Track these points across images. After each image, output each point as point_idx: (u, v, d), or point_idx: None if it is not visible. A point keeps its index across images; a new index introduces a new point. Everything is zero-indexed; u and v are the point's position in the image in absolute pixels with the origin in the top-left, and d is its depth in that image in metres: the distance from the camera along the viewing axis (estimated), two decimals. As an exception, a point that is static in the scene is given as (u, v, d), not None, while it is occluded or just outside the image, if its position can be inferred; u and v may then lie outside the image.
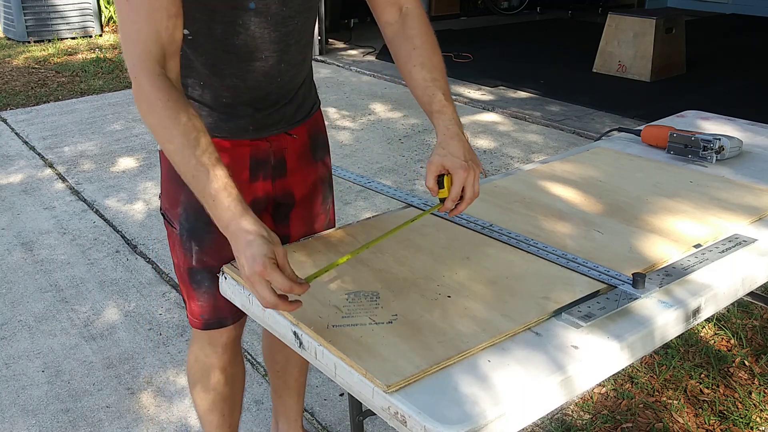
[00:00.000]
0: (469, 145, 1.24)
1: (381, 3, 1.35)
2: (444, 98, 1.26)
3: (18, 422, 2.09)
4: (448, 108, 1.25)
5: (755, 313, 2.51)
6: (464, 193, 1.21)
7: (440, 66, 1.30)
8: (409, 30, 1.32)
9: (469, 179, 1.20)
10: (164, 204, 1.41)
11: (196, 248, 1.36)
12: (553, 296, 1.16)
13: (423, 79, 1.28)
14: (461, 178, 1.19)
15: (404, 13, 1.34)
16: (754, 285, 1.29)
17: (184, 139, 1.06)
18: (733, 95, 5.23)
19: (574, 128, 4.58)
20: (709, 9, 9.03)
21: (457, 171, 1.19)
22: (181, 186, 1.32)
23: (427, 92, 1.27)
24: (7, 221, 3.44)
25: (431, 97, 1.26)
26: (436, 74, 1.28)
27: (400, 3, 1.34)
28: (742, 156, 1.80)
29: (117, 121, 4.93)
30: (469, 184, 1.20)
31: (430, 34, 1.33)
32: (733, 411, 2.04)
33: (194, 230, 1.36)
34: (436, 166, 1.21)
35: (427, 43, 1.31)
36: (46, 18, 7.40)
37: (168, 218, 1.40)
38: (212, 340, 1.49)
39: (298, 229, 1.49)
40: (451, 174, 1.21)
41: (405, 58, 1.31)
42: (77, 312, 2.65)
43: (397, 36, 1.33)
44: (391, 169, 3.99)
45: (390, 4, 1.34)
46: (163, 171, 1.40)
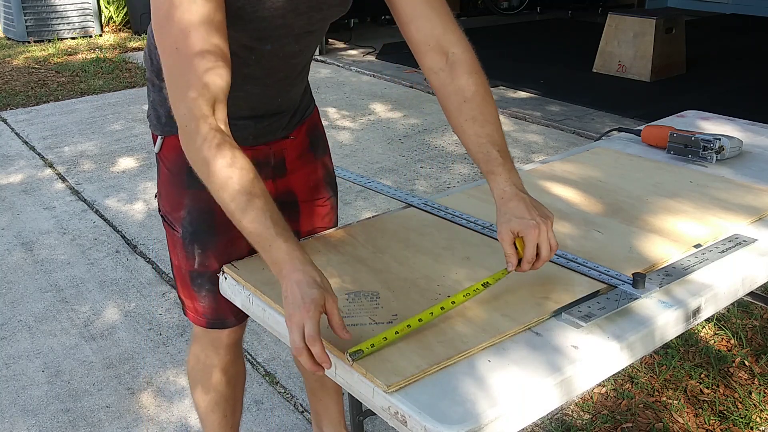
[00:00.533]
0: (531, 198, 1.17)
1: (422, 48, 1.22)
2: (499, 155, 1.18)
3: (18, 422, 2.09)
4: (504, 167, 1.17)
5: (755, 313, 2.51)
6: (540, 251, 1.14)
7: (493, 118, 1.21)
8: (458, 80, 1.20)
9: (542, 236, 1.13)
10: (164, 207, 1.40)
11: (199, 251, 1.36)
12: (553, 296, 1.16)
13: (476, 135, 1.19)
14: (533, 237, 1.12)
15: (451, 60, 1.21)
16: (754, 285, 1.29)
17: (240, 187, 1.04)
18: (733, 95, 5.23)
19: (574, 128, 4.58)
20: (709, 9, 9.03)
21: (526, 232, 1.12)
22: (185, 190, 1.33)
23: (481, 149, 1.19)
24: (7, 221, 3.44)
25: (486, 155, 1.18)
26: (489, 128, 1.19)
27: (445, 48, 1.21)
28: (742, 156, 1.80)
29: (117, 121, 4.93)
30: (543, 241, 1.13)
31: (481, 83, 1.21)
32: (733, 411, 2.04)
33: (197, 234, 1.35)
34: (507, 234, 1.14)
35: (478, 94, 1.20)
36: (46, 18, 7.40)
37: (168, 221, 1.40)
38: (214, 341, 1.49)
39: (305, 227, 1.49)
40: (522, 236, 1.14)
41: (455, 112, 1.21)
42: (77, 312, 2.65)
43: (444, 86, 1.22)
44: (391, 169, 3.99)
45: (433, 50, 1.21)
46: (162, 174, 1.40)
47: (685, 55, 5.92)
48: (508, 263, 1.15)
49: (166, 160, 1.37)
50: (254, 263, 1.31)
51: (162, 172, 1.39)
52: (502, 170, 1.17)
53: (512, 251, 1.14)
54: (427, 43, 1.21)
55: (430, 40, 1.21)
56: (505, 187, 1.16)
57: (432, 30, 1.21)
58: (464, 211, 1.48)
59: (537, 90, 5.48)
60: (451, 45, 1.21)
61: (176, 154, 1.33)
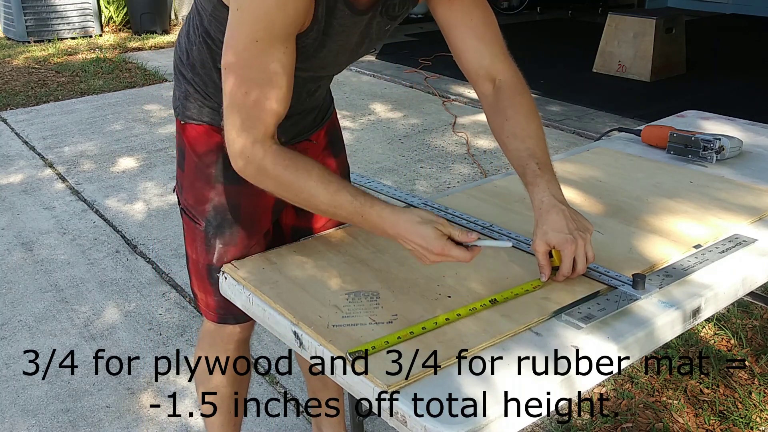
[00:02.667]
0: (570, 209, 1.18)
1: (473, 77, 1.32)
2: (537, 167, 1.21)
3: (18, 422, 2.09)
4: (542, 179, 1.20)
5: (755, 313, 2.51)
6: (576, 265, 1.16)
7: (536, 134, 1.26)
8: (501, 102, 1.28)
9: (579, 251, 1.15)
10: (187, 200, 1.40)
11: (220, 246, 1.37)
12: (554, 296, 1.16)
13: (516, 150, 1.24)
14: (570, 252, 1.14)
15: (498, 86, 1.30)
16: (754, 285, 1.29)
17: (324, 190, 1.12)
18: (733, 95, 5.23)
19: (574, 128, 4.58)
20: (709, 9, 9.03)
21: (563, 246, 1.14)
22: (212, 184, 1.35)
23: (520, 162, 1.23)
24: (7, 221, 3.44)
25: (524, 168, 1.22)
26: (530, 143, 1.24)
27: (493, 75, 1.30)
28: (742, 156, 1.80)
29: (117, 121, 4.93)
30: (580, 255, 1.15)
31: (524, 104, 1.28)
32: (733, 411, 2.04)
33: (221, 228, 1.37)
34: (542, 246, 1.16)
35: (520, 113, 1.27)
36: (46, 18, 7.40)
37: (191, 214, 1.40)
38: (223, 338, 1.49)
39: (318, 223, 1.50)
40: (558, 250, 1.15)
41: (498, 131, 1.28)
42: (77, 312, 2.65)
43: (490, 109, 1.31)
44: (391, 169, 3.99)
45: (482, 78, 1.31)
46: (187, 168, 1.38)
47: (685, 55, 5.92)
48: (541, 274, 1.18)
49: (194, 154, 1.36)
50: (254, 263, 1.31)
51: (188, 165, 1.38)
52: (541, 181, 1.20)
53: (546, 262, 1.16)
54: (477, 73, 1.31)
55: (480, 70, 1.30)
56: (543, 197, 1.18)
57: (481, 61, 1.30)
58: (464, 211, 1.48)
59: (537, 90, 5.48)
60: (498, 73, 1.30)
61: (206, 147, 1.34)
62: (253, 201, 1.37)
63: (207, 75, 1.31)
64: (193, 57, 1.32)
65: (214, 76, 1.30)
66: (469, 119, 4.84)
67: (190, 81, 1.34)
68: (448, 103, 5.21)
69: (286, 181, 1.12)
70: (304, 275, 1.25)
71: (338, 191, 1.12)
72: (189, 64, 1.33)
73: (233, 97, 1.10)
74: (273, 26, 1.05)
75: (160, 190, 3.76)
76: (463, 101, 5.23)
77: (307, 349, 1.09)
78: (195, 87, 1.34)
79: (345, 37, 1.19)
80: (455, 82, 5.66)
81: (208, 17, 1.23)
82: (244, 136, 1.11)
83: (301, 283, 1.22)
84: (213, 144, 1.34)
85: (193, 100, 1.35)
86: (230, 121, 1.11)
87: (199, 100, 1.34)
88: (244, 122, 1.10)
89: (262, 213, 1.40)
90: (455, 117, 4.87)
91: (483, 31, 1.29)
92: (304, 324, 1.10)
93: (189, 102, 1.35)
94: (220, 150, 1.34)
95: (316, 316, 1.12)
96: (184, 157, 1.38)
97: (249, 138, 1.11)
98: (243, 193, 1.36)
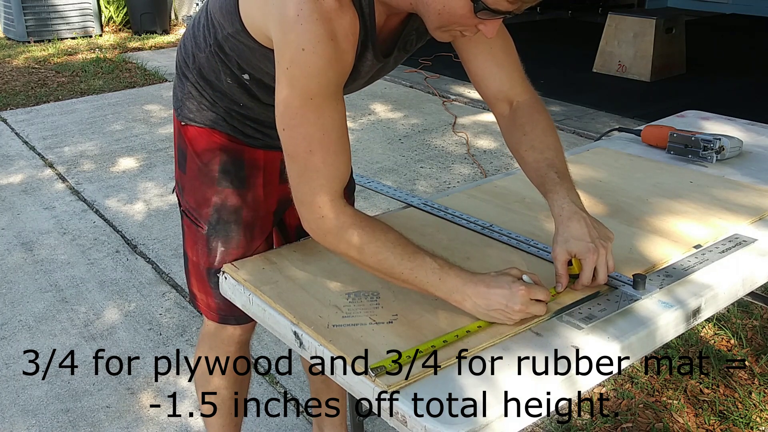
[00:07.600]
0: (591, 218, 1.17)
1: (492, 101, 1.33)
2: (556, 176, 1.20)
3: (18, 422, 2.09)
4: (561, 186, 1.19)
5: (755, 313, 2.51)
6: (597, 274, 1.14)
7: (554, 146, 1.25)
8: (518, 119, 1.29)
9: (600, 260, 1.13)
10: (189, 203, 1.39)
11: (222, 249, 1.37)
12: (554, 296, 1.16)
13: (534, 161, 1.24)
14: (591, 261, 1.13)
15: (515, 107, 1.31)
16: (754, 285, 1.29)
17: (391, 254, 1.08)
18: (733, 95, 5.23)
19: (574, 128, 4.58)
20: (709, 9, 9.03)
21: (584, 256, 1.13)
22: (215, 187, 1.34)
23: (539, 173, 1.23)
24: (7, 221, 3.44)
25: (543, 177, 1.21)
26: (548, 153, 1.24)
27: (511, 98, 1.31)
28: (742, 156, 1.80)
29: (117, 121, 4.93)
30: (601, 265, 1.14)
31: (541, 120, 1.28)
32: (733, 411, 2.04)
33: (223, 231, 1.36)
34: (563, 254, 1.14)
35: (537, 128, 1.27)
36: (46, 18, 7.40)
37: (192, 216, 1.39)
38: (225, 339, 1.49)
39: None
40: (579, 258, 1.14)
41: (516, 146, 1.29)
42: (77, 312, 2.65)
43: (507, 128, 1.31)
44: (391, 169, 3.99)
45: (499, 100, 1.32)
46: (189, 169, 1.38)
47: (685, 55, 5.92)
48: (558, 283, 1.16)
49: (197, 156, 1.36)
50: (254, 263, 1.31)
51: (189, 167, 1.38)
52: (561, 189, 1.19)
53: (564, 272, 1.15)
54: (496, 97, 1.33)
55: (499, 94, 1.32)
56: (563, 204, 1.17)
57: (500, 86, 1.31)
58: (464, 211, 1.48)
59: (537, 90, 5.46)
60: (516, 95, 1.32)
61: (209, 150, 1.34)
62: (255, 205, 1.37)
63: (217, 80, 1.31)
64: (199, 62, 1.31)
65: (222, 86, 1.30)
66: (469, 119, 4.84)
67: (194, 83, 1.34)
68: (448, 103, 5.21)
69: (366, 240, 1.08)
70: (304, 275, 1.25)
71: (416, 252, 1.09)
72: (195, 68, 1.33)
73: (296, 157, 1.08)
74: (328, 83, 1.05)
75: (160, 190, 3.76)
76: (463, 101, 5.23)
77: (307, 349, 1.09)
78: (199, 90, 1.34)
79: (366, 75, 1.22)
80: (455, 82, 5.66)
81: (225, 35, 1.22)
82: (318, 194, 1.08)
83: (301, 283, 1.22)
84: (214, 146, 1.34)
85: (195, 102, 1.34)
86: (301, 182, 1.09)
87: (202, 103, 1.34)
88: (312, 180, 1.08)
89: (264, 217, 1.40)
90: (455, 117, 4.87)
91: (503, 59, 1.30)
92: (304, 324, 1.10)
93: (191, 104, 1.35)
94: (221, 152, 1.34)
95: (316, 316, 1.12)
96: (186, 158, 1.38)
97: (326, 196, 1.08)
98: (245, 197, 1.36)
